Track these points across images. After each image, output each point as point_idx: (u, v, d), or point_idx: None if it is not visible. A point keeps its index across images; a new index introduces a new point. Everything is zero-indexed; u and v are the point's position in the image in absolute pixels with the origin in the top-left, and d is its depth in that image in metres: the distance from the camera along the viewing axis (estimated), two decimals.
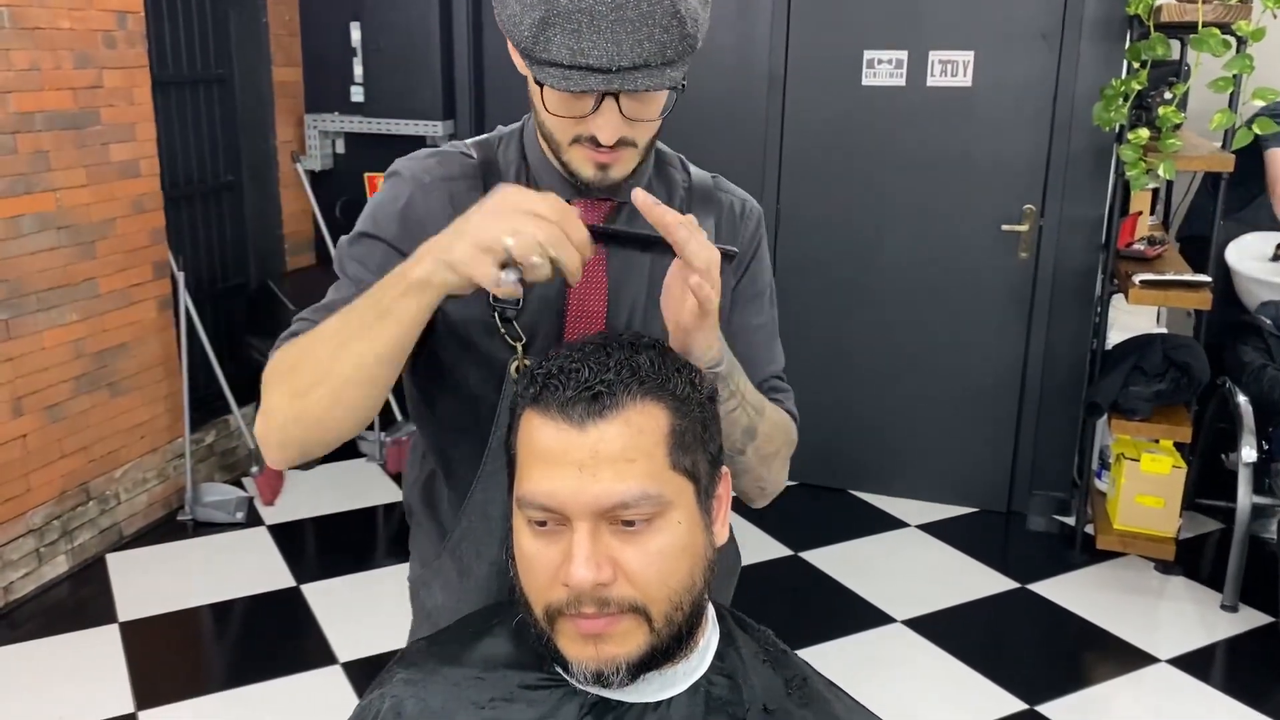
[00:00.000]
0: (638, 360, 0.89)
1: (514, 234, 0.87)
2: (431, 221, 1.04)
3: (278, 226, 4.23)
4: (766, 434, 1.09)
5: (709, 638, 0.97)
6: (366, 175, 4.20)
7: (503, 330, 1.09)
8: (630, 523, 0.85)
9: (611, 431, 0.85)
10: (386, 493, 3.95)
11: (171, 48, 3.74)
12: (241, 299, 4.14)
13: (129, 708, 2.68)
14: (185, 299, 3.64)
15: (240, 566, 3.39)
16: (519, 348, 1.09)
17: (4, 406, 3.02)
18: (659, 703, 0.93)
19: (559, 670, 0.93)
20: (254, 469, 3.90)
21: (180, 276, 3.62)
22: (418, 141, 4.16)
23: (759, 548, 3.52)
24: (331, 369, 0.97)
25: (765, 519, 3.67)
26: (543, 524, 0.87)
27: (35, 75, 3.03)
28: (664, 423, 0.87)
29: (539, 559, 0.88)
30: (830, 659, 2.96)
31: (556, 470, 0.85)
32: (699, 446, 0.90)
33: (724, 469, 0.95)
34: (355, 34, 4.04)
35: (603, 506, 0.84)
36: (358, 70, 4.09)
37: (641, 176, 1.13)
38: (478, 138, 1.21)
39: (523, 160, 1.16)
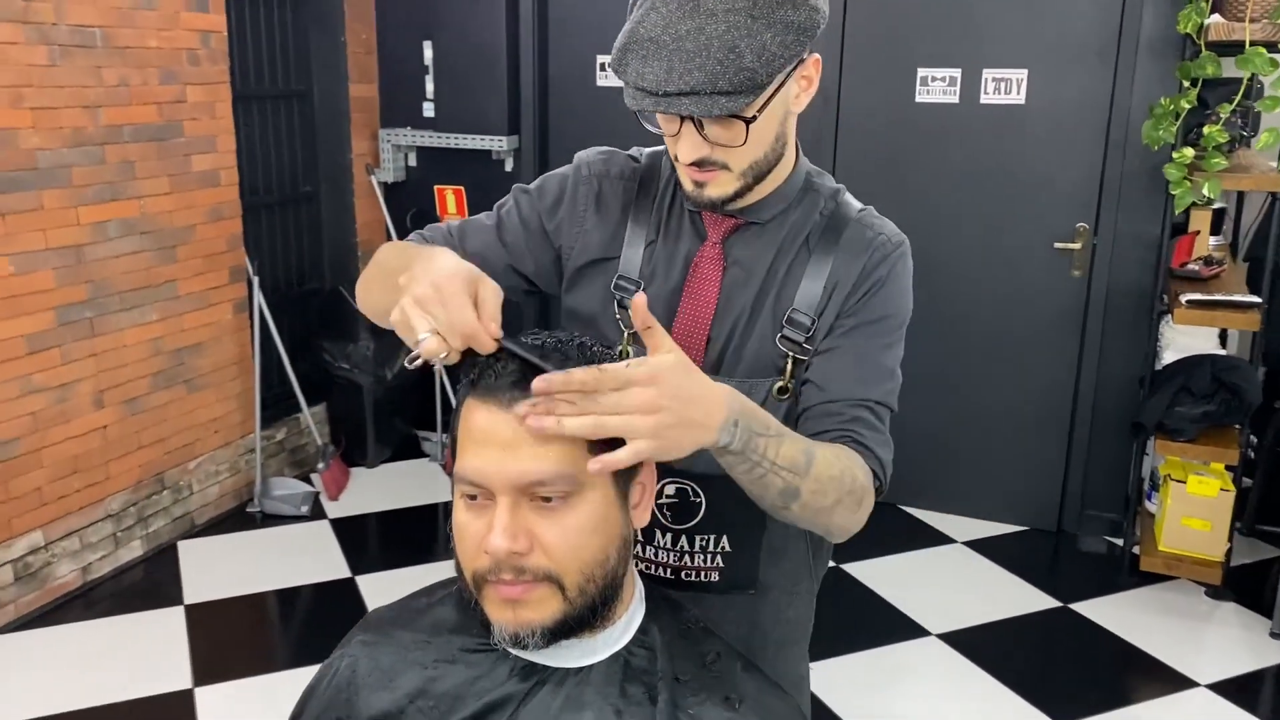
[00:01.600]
0: (564, 351, 0.98)
1: (427, 328, 0.94)
2: (574, 207, 1.30)
3: (351, 235, 4.43)
4: (813, 490, 1.05)
5: (633, 612, 1.05)
6: (436, 187, 4.38)
7: (617, 317, 1.26)
8: (548, 499, 0.94)
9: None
10: (445, 492, 4.09)
11: (254, 64, 3.96)
12: (315, 303, 4.34)
13: (187, 684, 2.86)
14: (259, 301, 3.84)
15: (302, 557, 3.57)
16: (626, 335, 1.24)
17: (86, 399, 3.24)
18: (580, 668, 1.01)
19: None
20: (320, 465, 4.09)
21: (255, 280, 3.83)
22: (484, 155, 4.32)
23: None
24: (366, 299, 1.23)
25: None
26: (473, 498, 0.96)
27: (124, 91, 3.25)
28: None
29: (468, 529, 0.97)
30: (859, 668, 2.99)
31: (484, 449, 0.94)
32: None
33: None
34: (428, 53, 4.22)
35: (521, 483, 0.93)
36: (429, 87, 4.27)
37: (777, 202, 1.24)
38: (661, 146, 1.31)
39: (673, 170, 1.28)
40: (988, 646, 3.11)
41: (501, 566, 0.94)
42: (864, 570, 3.53)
